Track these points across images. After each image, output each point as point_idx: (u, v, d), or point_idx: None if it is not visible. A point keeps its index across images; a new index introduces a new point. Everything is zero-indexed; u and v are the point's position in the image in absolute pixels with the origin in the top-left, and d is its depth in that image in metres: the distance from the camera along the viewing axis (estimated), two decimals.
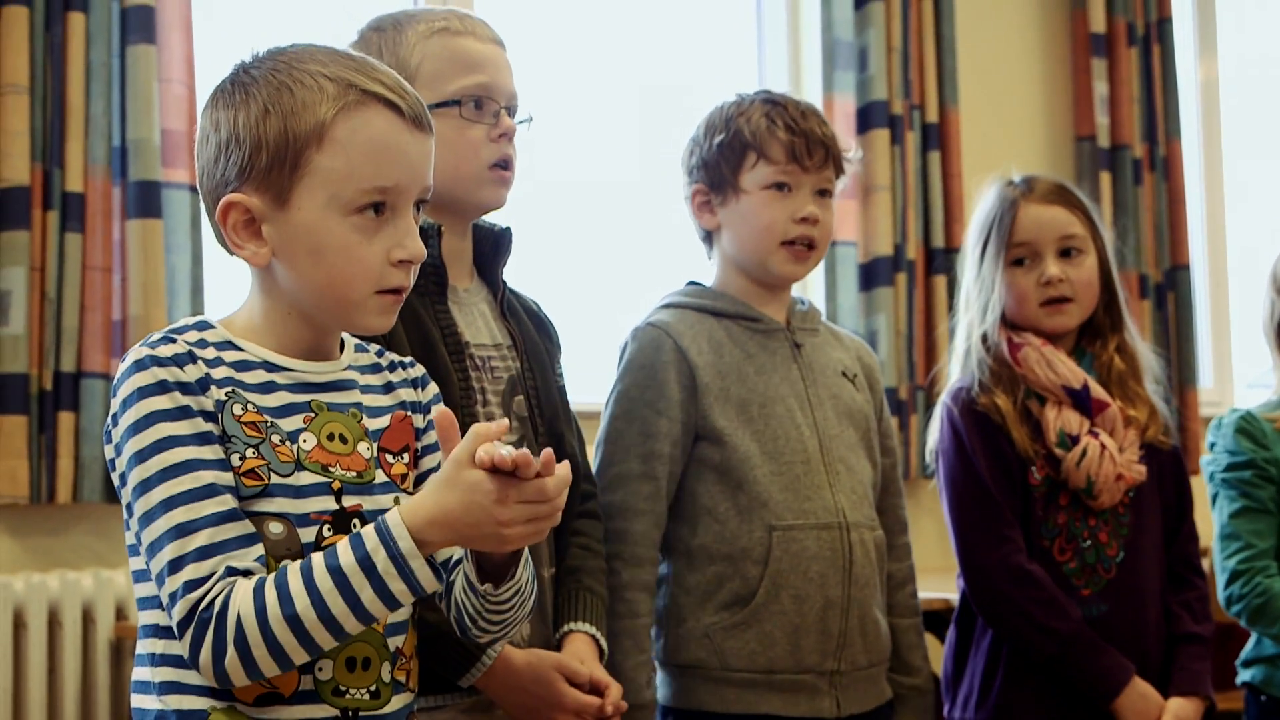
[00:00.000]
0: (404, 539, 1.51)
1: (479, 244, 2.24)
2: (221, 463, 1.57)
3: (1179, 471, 2.76)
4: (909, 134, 4.61)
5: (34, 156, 3.20)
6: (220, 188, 1.65)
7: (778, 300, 2.52)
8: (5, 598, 3.14)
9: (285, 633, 1.50)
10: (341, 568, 1.51)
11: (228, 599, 1.51)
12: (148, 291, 3.28)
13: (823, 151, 2.45)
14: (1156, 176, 5.25)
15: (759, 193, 2.44)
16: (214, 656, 1.51)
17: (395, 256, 1.64)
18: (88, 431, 3.23)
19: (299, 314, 1.67)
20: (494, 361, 2.17)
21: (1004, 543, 2.59)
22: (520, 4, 4.22)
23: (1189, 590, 2.70)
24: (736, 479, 2.39)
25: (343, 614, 1.51)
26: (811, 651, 2.37)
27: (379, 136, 1.63)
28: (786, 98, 2.50)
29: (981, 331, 2.70)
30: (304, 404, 1.65)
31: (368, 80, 1.64)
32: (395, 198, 1.64)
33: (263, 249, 1.64)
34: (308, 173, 1.61)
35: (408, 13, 2.21)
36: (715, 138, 2.47)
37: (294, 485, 1.60)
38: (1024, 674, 2.61)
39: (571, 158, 4.17)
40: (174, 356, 1.59)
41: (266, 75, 1.63)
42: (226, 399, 1.60)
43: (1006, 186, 2.73)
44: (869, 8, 4.55)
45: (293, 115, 1.61)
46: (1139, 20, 5.24)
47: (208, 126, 1.67)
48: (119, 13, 3.33)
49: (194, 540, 1.53)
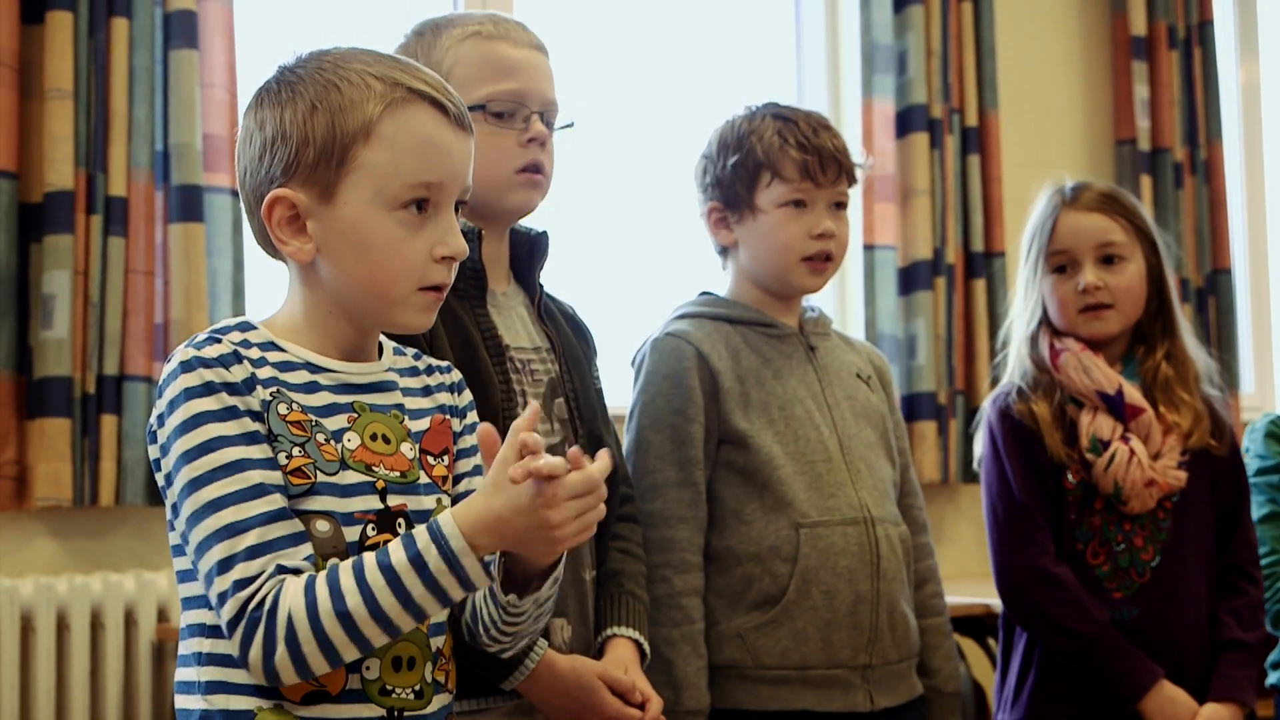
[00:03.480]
0: (456, 538, 1.52)
1: (516, 248, 2.25)
2: (269, 462, 1.58)
3: (1236, 477, 2.74)
4: (948, 138, 4.60)
5: (78, 161, 3.22)
6: (264, 185, 1.66)
7: (790, 309, 2.55)
8: (49, 600, 3.17)
9: (336, 629, 1.51)
10: (393, 565, 1.52)
11: (278, 596, 1.52)
12: (189, 295, 3.31)
13: (835, 166, 2.47)
14: (1197, 180, 5.22)
15: (775, 211, 2.46)
16: (264, 653, 1.52)
17: (438, 253, 1.65)
18: (130, 434, 3.25)
19: (341, 312, 1.68)
20: (533, 365, 2.18)
21: (1030, 545, 2.61)
22: (557, 7, 4.24)
23: (1238, 597, 2.69)
24: (761, 480, 2.40)
25: (394, 610, 1.52)
26: (844, 646, 2.38)
27: (424, 133, 1.64)
28: (796, 112, 2.51)
29: (1024, 337, 2.73)
30: (346, 404, 1.66)
31: (413, 79, 1.66)
32: (439, 194, 1.65)
33: (307, 245, 1.65)
34: (354, 168, 1.63)
35: (449, 17, 2.22)
36: (729, 157, 2.48)
37: (339, 484, 1.61)
38: (1055, 675, 2.63)
39: (607, 162, 4.17)
40: (220, 357, 1.60)
41: (313, 74, 1.65)
42: (272, 398, 1.61)
43: (1053, 194, 2.75)
44: (908, 11, 4.54)
45: (340, 112, 1.62)
46: (1180, 23, 5.22)
47: (252, 126, 1.68)
48: (162, 18, 3.36)
49: (244, 540, 1.53)
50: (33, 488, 3.16)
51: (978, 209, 4.64)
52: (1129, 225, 2.71)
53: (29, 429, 3.19)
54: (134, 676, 3.27)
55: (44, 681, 3.16)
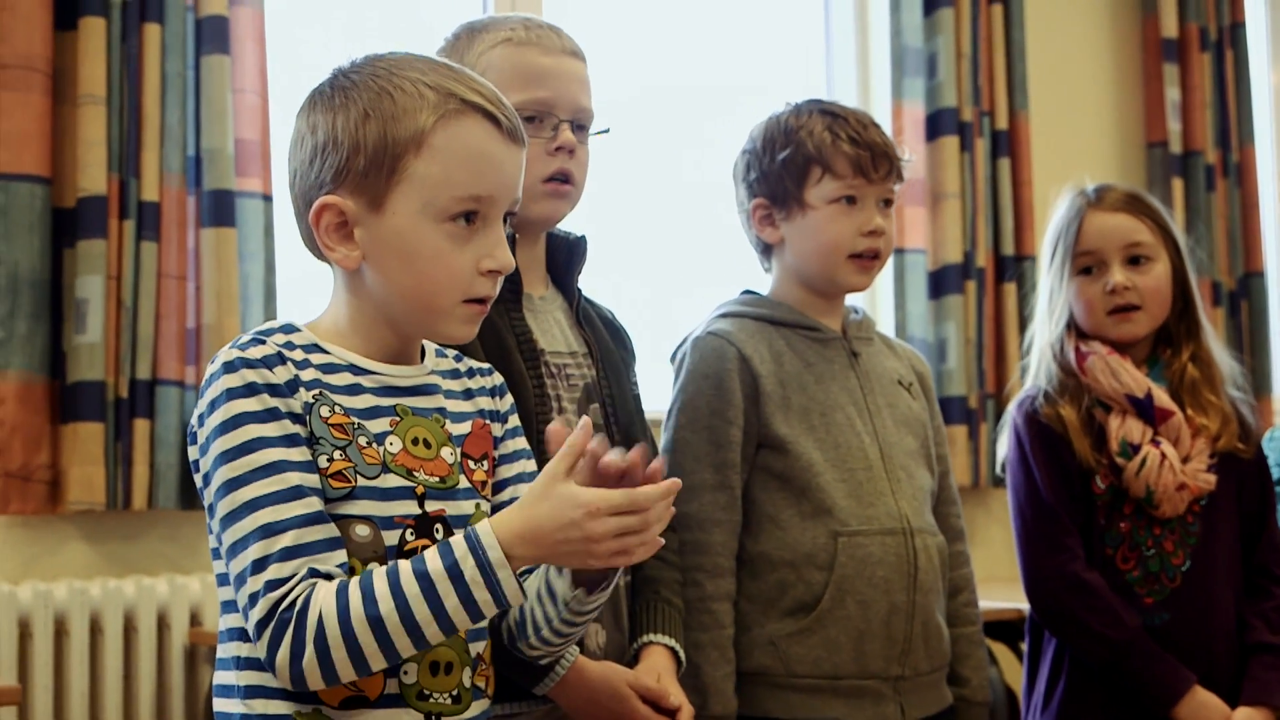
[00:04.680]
0: (493, 549, 1.50)
1: (553, 253, 2.24)
2: (308, 464, 1.57)
3: (1263, 480, 2.73)
4: (978, 141, 4.59)
5: (110, 166, 3.24)
6: (314, 190, 1.65)
7: (834, 310, 2.51)
8: (82, 603, 3.18)
9: (366, 635, 1.50)
10: (429, 573, 1.51)
11: (309, 599, 1.51)
12: (221, 299, 3.32)
13: (886, 163, 2.43)
14: (1229, 183, 5.20)
15: (825, 207, 2.41)
16: (291, 656, 1.51)
17: (485, 266, 1.65)
18: (163, 438, 3.26)
19: (385, 319, 1.68)
20: (569, 369, 2.17)
21: (1061, 551, 2.59)
22: (586, 9, 4.24)
23: (1266, 600, 2.67)
24: (800, 486, 2.37)
25: (425, 620, 1.50)
26: (876, 657, 2.36)
27: (476, 146, 1.63)
28: (844, 108, 2.47)
29: (1050, 340, 2.71)
30: (389, 407, 1.66)
31: (467, 90, 1.64)
32: (488, 207, 1.65)
33: (354, 252, 1.65)
34: (404, 178, 1.62)
35: (485, 21, 2.21)
36: (777, 152, 2.44)
37: (380, 488, 1.61)
38: (1086, 681, 2.61)
39: (636, 164, 4.18)
40: (263, 358, 1.59)
41: (366, 81, 1.64)
42: (314, 401, 1.60)
43: (1077, 196, 2.74)
44: (938, 14, 4.53)
45: (393, 120, 1.62)
46: (1211, 25, 5.20)
47: (304, 129, 1.68)
48: (193, 24, 3.37)
49: (279, 541, 1.53)
50: (66, 492, 3.18)
51: (1008, 212, 4.63)
52: (1154, 225, 2.69)
53: (62, 433, 3.20)
54: (167, 680, 3.28)
55: (77, 685, 3.17)
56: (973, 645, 2.54)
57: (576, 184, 2.17)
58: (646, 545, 1.52)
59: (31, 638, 3.14)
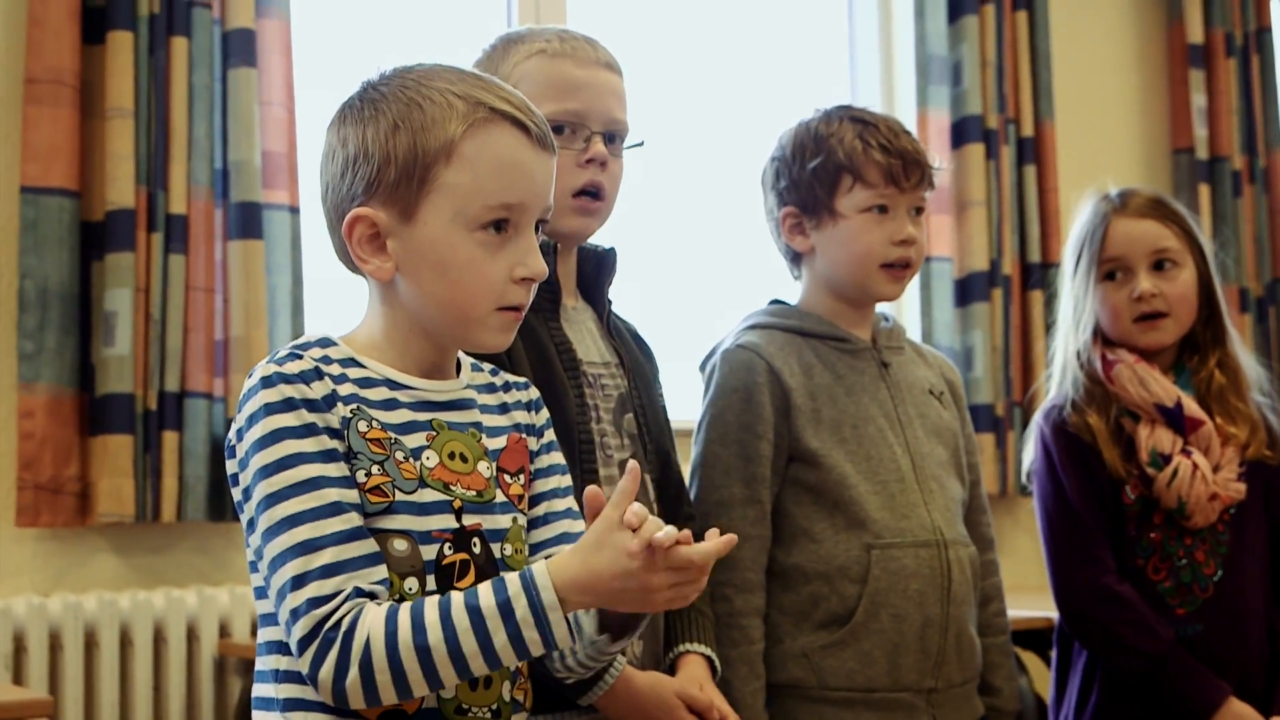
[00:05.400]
0: (547, 590, 1.50)
1: (583, 264, 2.24)
2: (346, 480, 1.57)
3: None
4: (1004, 148, 4.58)
5: (138, 179, 3.25)
6: (346, 202, 1.66)
7: (864, 319, 2.49)
8: (111, 615, 3.19)
9: (412, 662, 1.50)
10: (480, 608, 1.51)
11: (356, 619, 1.51)
12: (249, 312, 3.32)
13: (918, 171, 2.41)
14: (1256, 189, 5.18)
15: (857, 217, 2.39)
16: (336, 674, 1.51)
17: (518, 274, 1.65)
18: (191, 451, 3.27)
19: (420, 330, 1.68)
20: (604, 379, 2.17)
21: (1092, 563, 2.58)
22: (609, 20, 4.24)
23: None
24: (833, 499, 2.36)
25: (472, 653, 1.51)
26: (910, 670, 2.35)
27: (506, 154, 1.64)
28: (874, 115, 2.45)
29: (1075, 348, 2.68)
30: (425, 422, 1.66)
31: (496, 99, 1.65)
32: (519, 215, 1.65)
33: (387, 264, 1.65)
34: (435, 188, 1.62)
35: (521, 32, 2.22)
36: (807, 160, 2.42)
37: (417, 502, 1.61)
38: (1119, 694, 2.60)
39: (661, 175, 4.17)
40: (301, 373, 1.60)
41: (395, 92, 1.65)
42: (352, 415, 1.60)
43: (1101, 201, 2.71)
44: (963, 22, 4.53)
45: (423, 131, 1.62)
46: (1237, 30, 5.18)
47: (334, 142, 1.68)
48: (220, 37, 3.38)
49: (319, 558, 1.53)
50: (95, 504, 3.19)
51: (1034, 219, 4.62)
52: (1180, 231, 2.68)
53: (91, 445, 3.21)
54: (196, 692, 3.29)
55: (107, 697, 3.18)
56: (1003, 655, 2.54)
57: (607, 198, 2.17)
58: (700, 588, 1.55)
59: (62, 649, 3.15)
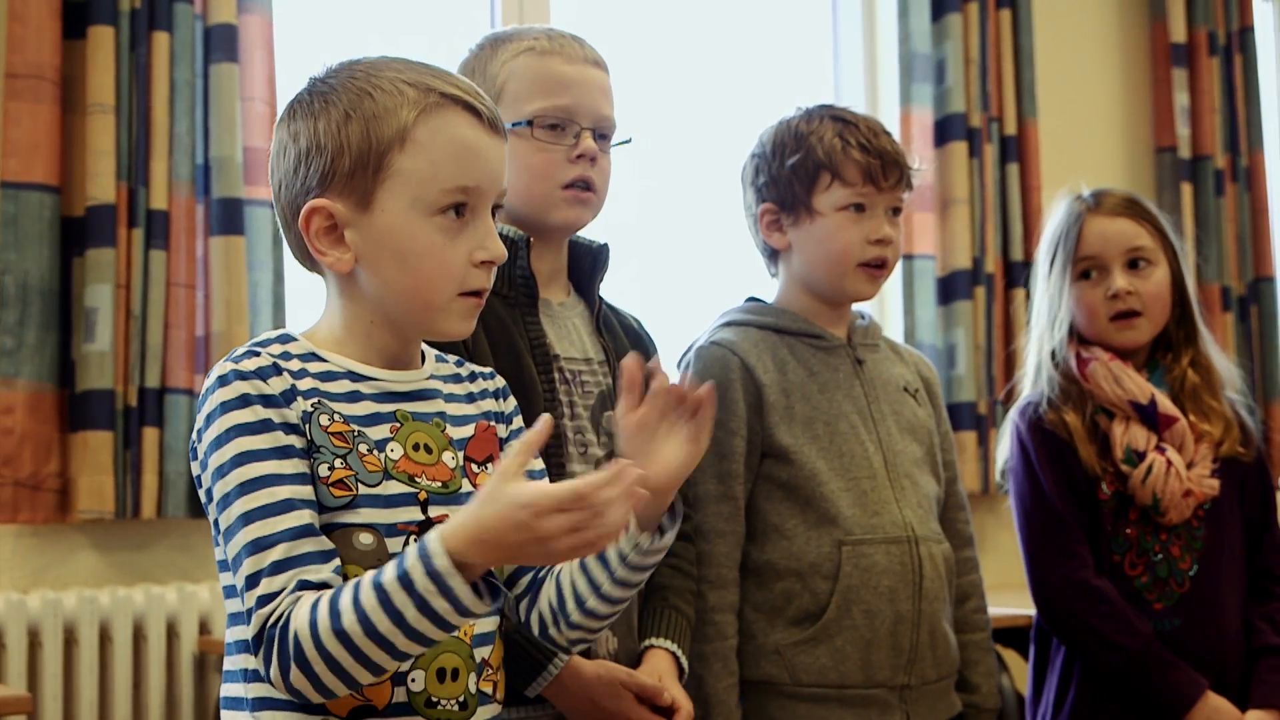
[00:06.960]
0: (439, 556, 1.46)
1: (576, 260, 2.24)
2: (301, 477, 1.56)
3: (1263, 483, 2.73)
4: (987, 146, 4.59)
5: (119, 175, 3.25)
6: (301, 197, 1.65)
7: (840, 317, 2.49)
8: (91, 612, 3.18)
9: (337, 648, 1.47)
10: (384, 584, 1.47)
11: (290, 614, 1.50)
12: (230, 308, 3.32)
13: (897, 171, 2.41)
14: (1239, 188, 5.19)
15: (834, 215, 2.40)
16: (281, 671, 1.50)
17: (478, 257, 1.65)
18: (172, 447, 3.27)
19: (382, 321, 1.67)
20: (584, 375, 2.17)
21: (1070, 559, 2.58)
22: (596, 18, 4.24)
23: (1271, 602, 2.67)
24: (805, 495, 2.36)
25: (390, 631, 1.46)
26: (883, 666, 2.35)
27: (460, 137, 1.64)
28: (855, 114, 2.45)
29: (1050, 347, 2.69)
30: (389, 413, 1.65)
31: (446, 84, 1.65)
32: (476, 198, 1.65)
33: (345, 255, 1.65)
34: (391, 175, 1.62)
35: (508, 32, 2.23)
36: (786, 157, 2.42)
37: (382, 495, 1.60)
38: (1097, 691, 2.60)
39: (644, 172, 4.17)
40: (257, 370, 1.59)
41: (345, 83, 1.65)
42: (313, 410, 1.60)
43: (1075, 200, 2.73)
44: (946, 20, 4.53)
45: (375, 119, 1.62)
46: (1220, 30, 5.19)
47: (285, 138, 1.68)
48: (202, 32, 3.38)
49: (269, 555, 1.52)
50: (75, 500, 3.19)
51: (1017, 218, 4.62)
52: (1154, 230, 2.69)
53: (71, 442, 3.21)
54: (176, 688, 3.29)
55: (87, 693, 3.18)
56: (982, 652, 2.53)
57: (598, 191, 2.18)
58: (607, 533, 1.48)
59: (41, 646, 3.14)
